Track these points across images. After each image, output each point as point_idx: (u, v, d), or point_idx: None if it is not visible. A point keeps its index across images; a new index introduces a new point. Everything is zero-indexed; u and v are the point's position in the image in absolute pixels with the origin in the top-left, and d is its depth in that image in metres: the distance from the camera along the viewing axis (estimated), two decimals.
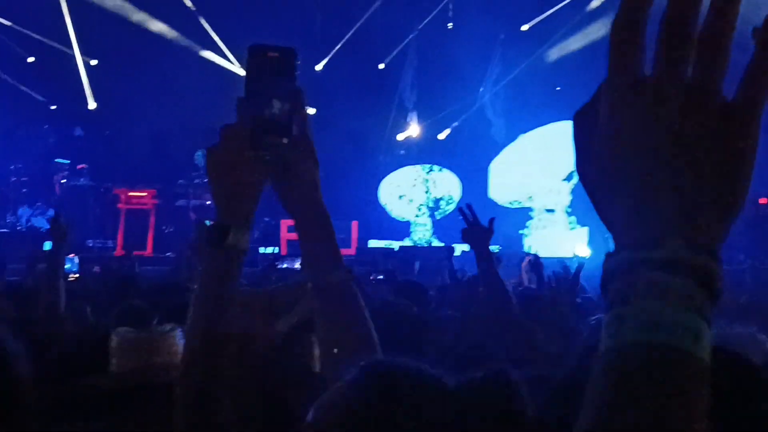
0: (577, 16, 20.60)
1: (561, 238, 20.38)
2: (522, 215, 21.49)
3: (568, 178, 21.44)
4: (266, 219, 17.99)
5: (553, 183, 21.49)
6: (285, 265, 11.66)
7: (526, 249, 18.63)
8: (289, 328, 3.07)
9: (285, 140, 2.08)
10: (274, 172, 2.13)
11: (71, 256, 12.31)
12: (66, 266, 7.18)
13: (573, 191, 21.32)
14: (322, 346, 2.22)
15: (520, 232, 20.81)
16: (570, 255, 17.08)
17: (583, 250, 17.25)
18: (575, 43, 20.75)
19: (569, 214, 21.23)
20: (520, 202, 21.71)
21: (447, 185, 22.37)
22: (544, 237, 20.80)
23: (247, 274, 9.30)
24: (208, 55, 21.58)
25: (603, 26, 20.50)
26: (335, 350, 2.15)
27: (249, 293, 3.14)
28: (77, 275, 11.23)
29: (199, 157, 19.36)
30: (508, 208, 21.54)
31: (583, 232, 20.24)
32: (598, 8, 20.34)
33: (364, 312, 2.18)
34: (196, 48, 21.56)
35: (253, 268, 12.16)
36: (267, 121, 2.07)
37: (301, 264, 2.21)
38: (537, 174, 21.65)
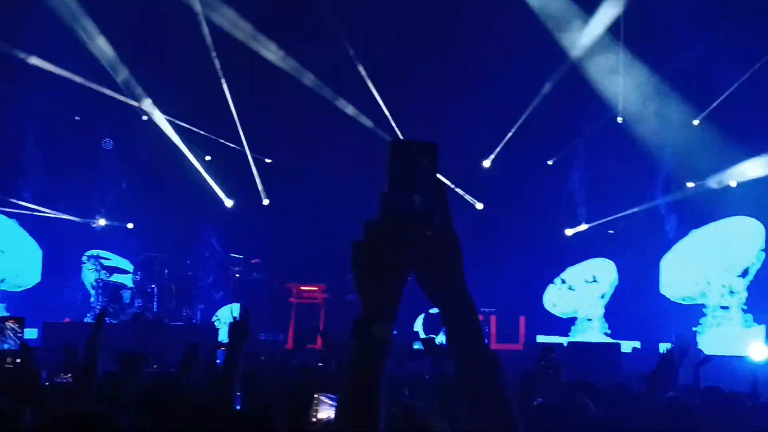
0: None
1: (736, 336, 19.75)
2: (695, 312, 20.92)
3: (743, 274, 20.83)
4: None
5: (728, 279, 20.89)
6: None
7: (699, 347, 18.10)
8: None
9: (429, 233, 2.11)
10: (418, 264, 2.15)
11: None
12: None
13: (748, 288, 20.68)
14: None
15: (694, 329, 20.24)
16: (745, 354, 16.51)
17: (760, 349, 16.61)
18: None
19: (745, 311, 20.58)
20: (693, 299, 21.15)
21: (607, 276, 22.03)
22: (719, 335, 20.18)
23: None
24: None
25: None
26: None
27: None
28: None
29: None
30: (680, 304, 21.02)
31: (760, 330, 19.57)
32: None
33: (509, 401, 2.19)
34: (369, 125, 21.85)
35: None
36: (410, 215, 2.09)
37: (447, 353, 2.23)
38: (710, 270, 21.09)
